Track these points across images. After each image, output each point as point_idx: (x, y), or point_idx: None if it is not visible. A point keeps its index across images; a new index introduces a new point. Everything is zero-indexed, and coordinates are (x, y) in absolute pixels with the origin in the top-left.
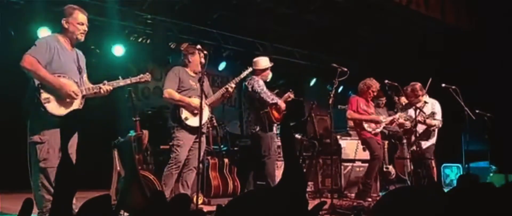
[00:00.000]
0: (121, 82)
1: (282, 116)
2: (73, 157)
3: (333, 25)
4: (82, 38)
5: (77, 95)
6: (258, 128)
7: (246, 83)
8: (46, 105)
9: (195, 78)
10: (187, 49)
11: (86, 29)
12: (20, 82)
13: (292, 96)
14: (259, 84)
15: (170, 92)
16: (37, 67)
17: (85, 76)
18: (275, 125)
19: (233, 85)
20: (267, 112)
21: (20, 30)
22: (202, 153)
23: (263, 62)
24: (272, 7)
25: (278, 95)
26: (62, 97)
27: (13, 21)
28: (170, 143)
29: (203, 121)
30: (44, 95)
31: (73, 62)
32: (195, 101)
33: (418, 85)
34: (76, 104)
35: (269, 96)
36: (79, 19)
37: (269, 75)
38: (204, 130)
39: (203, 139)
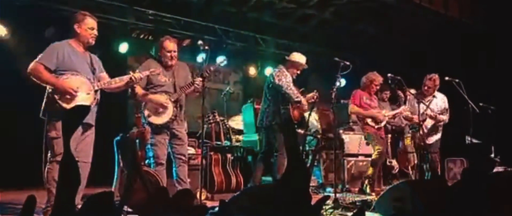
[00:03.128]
0: (142, 74)
1: (301, 116)
2: (89, 156)
3: (335, 19)
4: (93, 42)
5: (76, 92)
6: (274, 122)
7: (274, 74)
8: (60, 100)
9: (169, 73)
10: (159, 42)
11: (96, 33)
12: (26, 82)
13: (316, 98)
14: (287, 79)
15: (136, 89)
16: (39, 72)
17: (104, 74)
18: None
19: (201, 79)
20: (287, 109)
21: (28, 31)
22: (185, 148)
23: (299, 57)
24: (274, 2)
25: (302, 94)
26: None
27: (20, 22)
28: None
29: (167, 119)
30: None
31: (86, 63)
32: (158, 98)
33: (436, 76)
34: (90, 99)
35: (295, 93)
36: (90, 25)
37: (297, 74)
38: (175, 125)
39: (185, 135)
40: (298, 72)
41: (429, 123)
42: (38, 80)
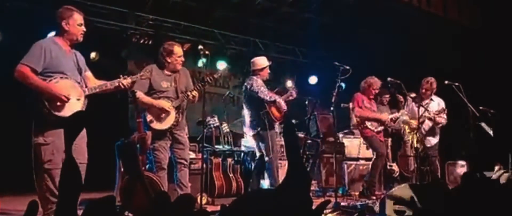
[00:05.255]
0: (131, 78)
1: (283, 115)
2: (85, 156)
3: (334, 23)
4: (81, 39)
5: (67, 99)
6: (259, 128)
7: (245, 83)
8: (49, 106)
9: (171, 78)
10: (165, 48)
11: (84, 29)
12: (23, 85)
13: (294, 94)
14: (257, 83)
15: (138, 94)
16: (27, 76)
17: (89, 74)
18: (277, 123)
19: (197, 91)
20: (266, 112)
21: (29, 33)
22: (187, 153)
23: (260, 61)
24: (274, 6)
25: (279, 93)
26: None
27: (21, 24)
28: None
29: (169, 125)
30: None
31: (73, 63)
32: (160, 103)
33: (433, 79)
34: (80, 104)
35: (267, 95)
36: (78, 21)
37: (268, 74)
38: (177, 130)
39: (186, 140)
40: (267, 74)
41: (427, 125)
42: (25, 84)
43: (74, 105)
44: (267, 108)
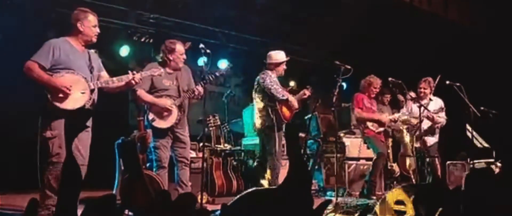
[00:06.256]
0: (142, 74)
1: (292, 115)
2: (86, 158)
3: (336, 23)
4: (95, 40)
5: (69, 90)
6: (266, 125)
7: (259, 77)
8: (51, 98)
9: (172, 76)
10: (167, 46)
11: (98, 30)
12: (25, 83)
13: (308, 93)
14: (271, 79)
15: (139, 92)
16: (33, 71)
17: (104, 73)
18: (284, 124)
19: (201, 88)
20: (276, 110)
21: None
22: (188, 152)
23: (277, 55)
24: (275, 5)
25: (292, 92)
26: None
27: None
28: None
29: (172, 123)
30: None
31: (84, 61)
32: (163, 102)
33: (431, 78)
34: (85, 98)
35: (280, 92)
36: (93, 22)
37: (283, 70)
38: (178, 128)
39: (188, 139)
40: (283, 69)
41: (426, 124)
42: (31, 78)
43: (78, 98)
44: (277, 106)
